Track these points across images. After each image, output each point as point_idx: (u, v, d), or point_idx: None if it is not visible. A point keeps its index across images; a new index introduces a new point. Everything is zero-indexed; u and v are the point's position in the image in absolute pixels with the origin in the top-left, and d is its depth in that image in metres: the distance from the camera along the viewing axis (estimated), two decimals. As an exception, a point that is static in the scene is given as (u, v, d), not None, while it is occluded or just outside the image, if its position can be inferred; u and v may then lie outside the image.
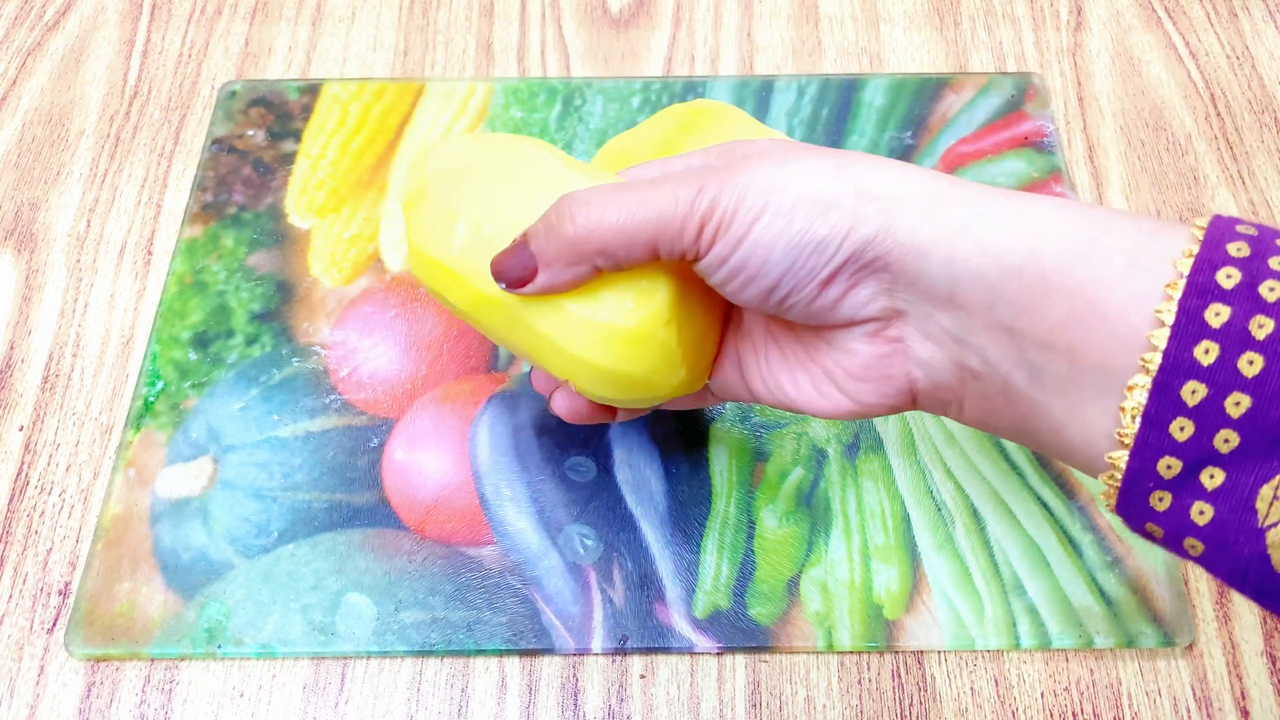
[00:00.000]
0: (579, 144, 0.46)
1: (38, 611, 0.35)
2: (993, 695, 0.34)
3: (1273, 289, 0.22)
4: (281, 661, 0.34)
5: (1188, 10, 0.51)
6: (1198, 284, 0.23)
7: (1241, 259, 0.23)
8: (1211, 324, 0.22)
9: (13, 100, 0.48)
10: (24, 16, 0.51)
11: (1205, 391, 0.22)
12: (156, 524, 0.36)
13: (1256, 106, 0.47)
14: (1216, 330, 0.22)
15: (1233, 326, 0.22)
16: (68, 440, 0.39)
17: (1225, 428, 0.22)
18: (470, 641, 0.34)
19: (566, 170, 0.31)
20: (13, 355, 0.41)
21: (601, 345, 0.29)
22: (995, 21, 0.51)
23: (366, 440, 0.38)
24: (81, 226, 0.44)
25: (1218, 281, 0.22)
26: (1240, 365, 0.22)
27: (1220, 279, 0.22)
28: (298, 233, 0.43)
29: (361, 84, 0.48)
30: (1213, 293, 0.22)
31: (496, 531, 0.36)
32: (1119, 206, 0.44)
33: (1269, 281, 0.22)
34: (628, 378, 0.30)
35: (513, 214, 0.30)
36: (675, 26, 0.51)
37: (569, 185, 0.30)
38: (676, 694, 0.34)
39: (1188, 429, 0.23)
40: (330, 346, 0.40)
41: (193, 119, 0.48)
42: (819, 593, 0.35)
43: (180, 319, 0.41)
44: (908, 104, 0.47)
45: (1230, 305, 0.22)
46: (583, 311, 0.29)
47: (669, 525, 0.36)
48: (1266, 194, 0.45)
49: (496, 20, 0.51)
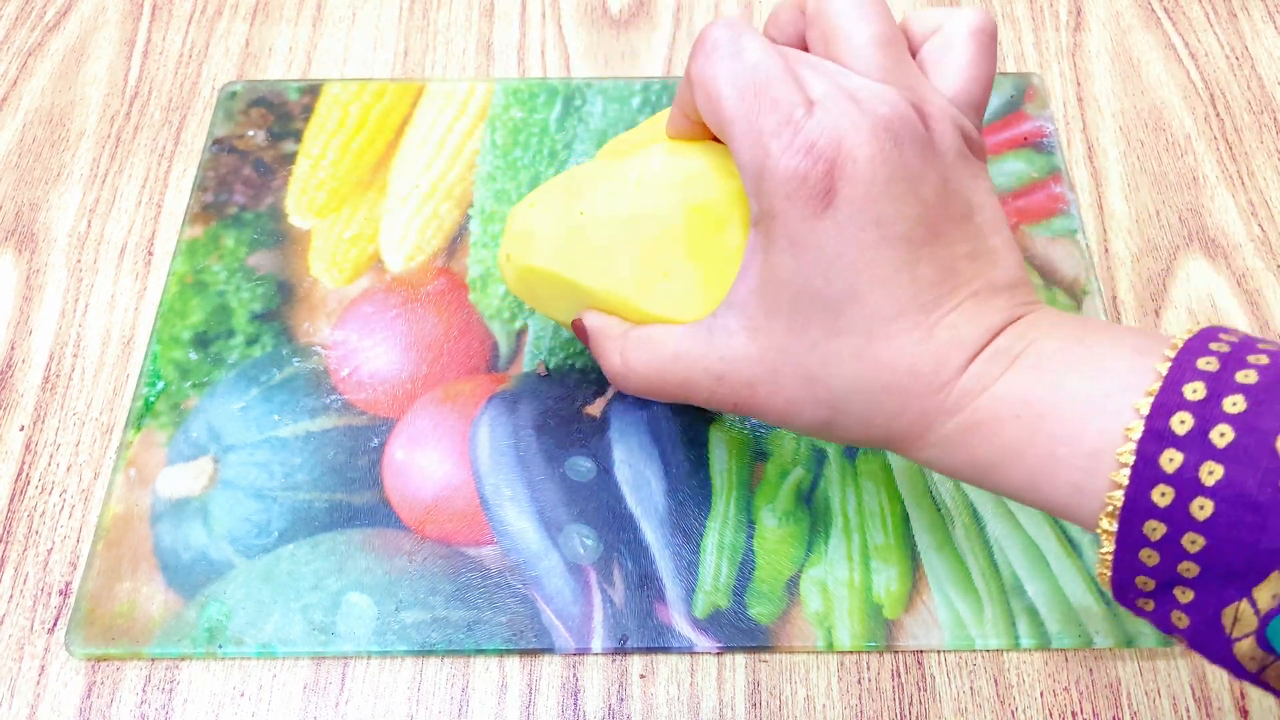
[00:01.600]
0: (579, 144, 0.46)
1: (38, 611, 0.35)
2: (992, 695, 0.34)
3: (1223, 434, 0.23)
4: (282, 661, 0.34)
5: (1187, 10, 0.51)
6: (1154, 429, 0.24)
7: (1197, 402, 0.24)
8: (1166, 469, 0.24)
9: (13, 100, 0.48)
10: (24, 17, 0.51)
11: (1164, 530, 0.24)
12: (157, 524, 0.36)
13: (1256, 106, 0.48)
14: (1171, 476, 0.24)
15: (1185, 474, 0.23)
16: (68, 440, 0.39)
17: (1185, 560, 0.24)
18: (470, 641, 0.34)
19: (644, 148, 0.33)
20: (13, 355, 0.41)
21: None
22: (995, 22, 0.51)
23: (367, 440, 0.38)
24: (82, 227, 0.44)
25: (1171, 428, 0.24)
26: (1192, 509, 0.23)
27: (1174, 425, 0.24)
28: (298, 233, 0.43)
29: (362, 84, 0.48)
30: (1167, 438, 0.24)
31: (496, 531, 0.36)
32: (1118, 206, 0.44)
33: (1220, 426, 0.23)
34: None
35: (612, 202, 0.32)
36: (675, 26, 0.51)
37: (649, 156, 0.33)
38: (676, 694, 0.34)
39: (1154, 557, 0.24)
40: (331, 346, 0.40)
41: (193, 119, 0.48)
42: (819, 592, 0.35)
43: (181, 319, 0.41)
44: (907, 104, 0.47)
45: (1183, 452, 0.23)
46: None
47: (669, 525, 0.36)
48: (1266, 194, 0.45)
49: (496, 20, 0.51)
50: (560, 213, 0.33)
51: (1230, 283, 0.42)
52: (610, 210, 0.32)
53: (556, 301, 0.35)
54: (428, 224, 0.44)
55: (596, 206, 0.32)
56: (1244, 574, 0.23)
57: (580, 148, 0.46)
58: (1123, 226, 0.44)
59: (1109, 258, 0.43)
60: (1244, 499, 0.23)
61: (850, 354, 0.27)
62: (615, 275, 0.32)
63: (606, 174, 0.33)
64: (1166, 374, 0.24)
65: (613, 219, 0.32)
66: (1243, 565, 0.23)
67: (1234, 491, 0.23)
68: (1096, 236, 0.44)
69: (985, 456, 0.27)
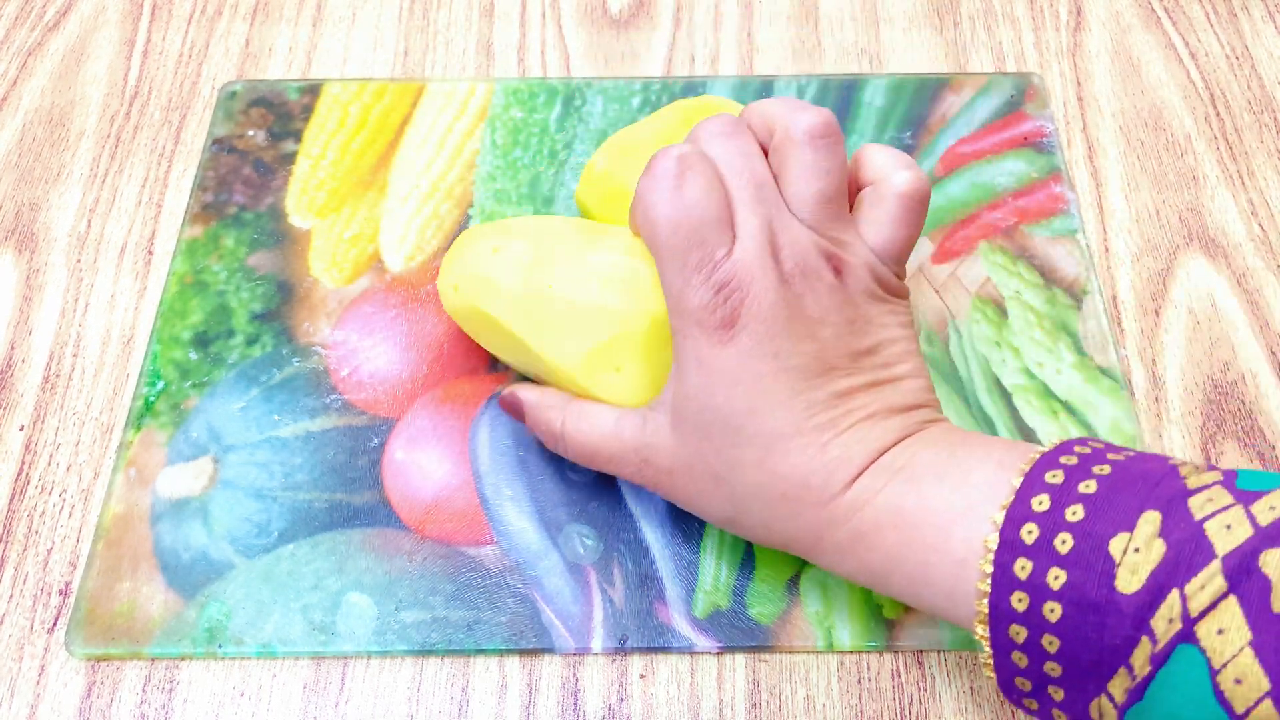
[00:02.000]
0: (579, 144, 0.46)
1: (38, 611, 0.35)
2: (992, 695, 0.34)
3: (1064, 541, 0.26)
4: (282, 661, 0.34)
5: (1187, 10, 0.51)
6: (1008, 539, 0.26)
7: (1042, 513, 0.26)
8: (1020, 576, 0.26)
9: (13, 100, 0.48)
10: (24, 17, 0.51)
11: (1026, 633, 0.26)
12: (157, 524, 0.36)
13: (1256, 106, 0.48)
14: (1024, 582, 0.26)
15: (1034, 579, 0.26)
16: (68, 440, 0.39)
17: (1048, 660, 0.26)
18: (470, 641, 0.34)
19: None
20: (13, 355, 0.41)
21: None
22: (995, 22, 0.51)
23: (367, 440, 0.38)
24: (82, 226, 0.44)
25: (1022, 537, 0.26)
26: (1045, 612, 0.26)
27: (1024, 534, 0.26)
28: (298, 233, 0.43)
29: (362, 84, 0.48)
30: (1019, 547, 0.26)
31: (496, 531, 0.36)
32: (1118, 206, 0.44)
33: (1061, 534, 0.26)
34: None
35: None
36: (675, 27, 0.51)
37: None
38: (676, 693, 0.34)
39: (1023, 659, 0.27)
40: (330, 346, 0.40)
41: (193, 119, 0.48)
42: (819, 592, 0.35)
43: (181, 319, 0.41)
44: (907, 104, 0.47)
45: (1032, 560, 0.26)
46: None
47: (669, 525, 0.36)
48: (1266, 194, 0.45)
49: (496, 20, 0.51)
50: (526, 273, 0.35)
51: (1230, 282, 0.42)
52: (578, 295, 0.34)
53: (494, 341, 0.37)
54: (428, 224, 0.44)
55: (565, 287, 0.34)
56: (1097, 670, 0.25)
57: (580, 148, 0.46)
58: (1123, 226, 0.44)
59: (1109, 257, 0.43)
60: (1085, 600, 0.25)
61: (752, 463, 0.30)
62: (567, 353, 0.34)
63: (580, 253, 0.35)
64: (1019, 487, 0.27)
65: (579, 304, 0.34)
66: (1093, 662, 0.25)
67: (1077, 594, 0.25)
68: (1096, 236, 0.44)
69: (873, 564, 0.30)
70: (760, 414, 0.30)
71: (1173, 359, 0.40)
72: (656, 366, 0.34)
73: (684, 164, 0.31)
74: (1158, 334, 0.41)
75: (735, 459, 0.30)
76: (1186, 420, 0.39)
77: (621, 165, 0.38)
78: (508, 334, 0.35)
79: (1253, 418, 0.39)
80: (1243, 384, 0.40)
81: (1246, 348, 0.40)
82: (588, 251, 0.35)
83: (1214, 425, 0.39)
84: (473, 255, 0.36)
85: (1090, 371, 0.39)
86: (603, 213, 0.38)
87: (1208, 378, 0.40)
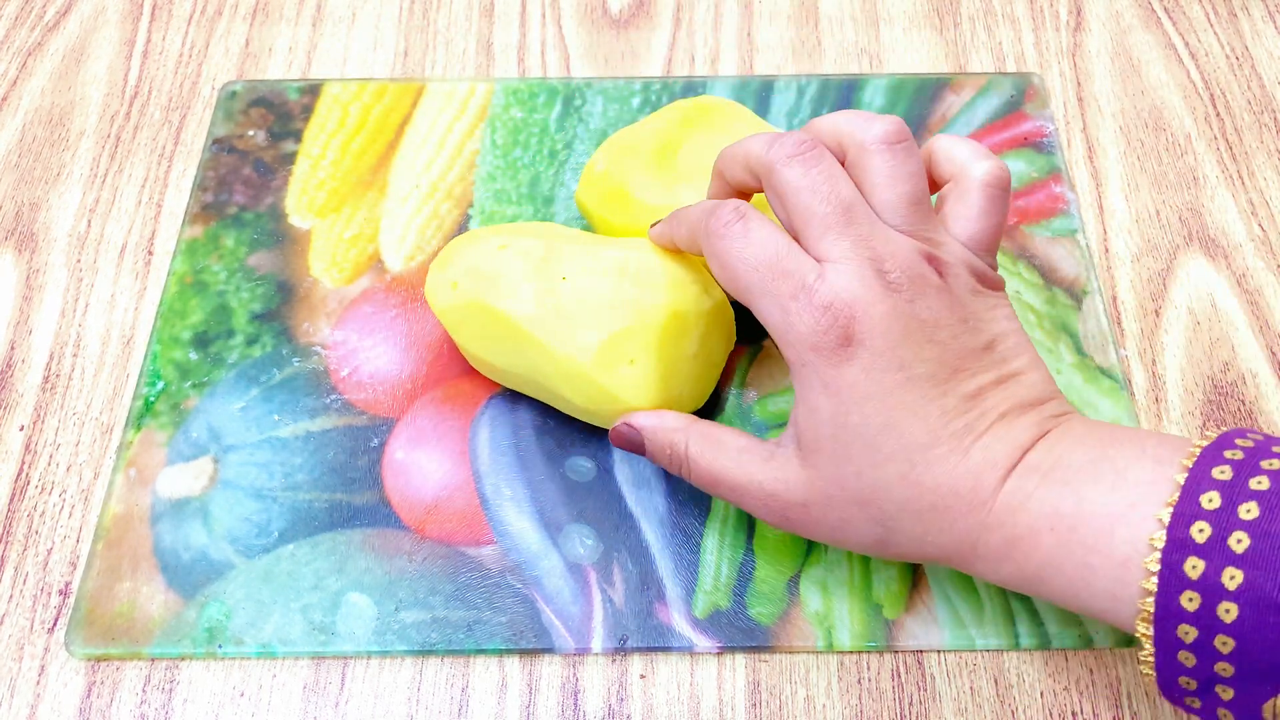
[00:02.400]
0: (579, 144, 0.46)
1: (38, 611, 0.35)
2: (992, 695, 0.34)
3: (1240, 540, 0.25)
4: (282, 661, 0.34)
5: (1187, 10, 0.51)
6: (1176, 538, 0.26)
7: (1213, 511, 0.26)
8: (1191, 576, 0.26)
9: (13, 100, 0.48)
10: (24, 17, 0.51)
11: (1196, 633, 0.26)
12: (157, 524, 0.36)
13: (1256, 106, 0.48)
14: (1195, 582, 0.26)
15: (1208, 579, 0.25)
16: (68, 440, 0.39)
17: (1220, 660, 0.26)
18: (470, 641, 0.34)
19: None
20: (13, 355, 0.41)
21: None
22: (995, 22, 0.51)
23: (367, 440, 0.38)
24: (82, 227, 0.44)
25: (1192, 536, 0.26)
26: (1219, 613, 0.25)
27: (1194, 533, 0.26)
28: (298, 233, 0.43)
29: (362, 84, 0.48)
30: (1189, 546, 0.26)
31: (496, 531, 0.36)
32: (1118, 206, 0.44)
33: (1236, 533, 0.25)
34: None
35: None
36: (675, 27, 0.51)
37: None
38: (676, 694, 0.34)
39: (1191, 659, 0.26)
40: (330, 346, 0.40)
41: (193, 119, 0.48)
42: (819, 592, 0.35)
43: (181, 319, 0.41)
44: (907, 104, 0.47)
45: (1204, 559, 0.25)
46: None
47: (669, 525, 0.36)
48: (1266, 194, 0.45)
49: (496, 20, 0.51)
50: (538, 267, 0.35)
51: (1230, 283, 0.42)
52: (595, 287, 0.34)
53: (493, 345, 0.36)
54: (428, 224, 0.44)
55: (582, 279, 0.34)
56: (1276, 671, 0.25)
57: (580, 147, 0.46)
58: (1123, 226, 0.44)
59: (1109, 257, 0.43)
60: (1265, 601, 0.24)
61: (896, 478, 0.30)
62: (581, 344, 0.34)
63: (594, 247, 0.35)
64: (1184, 484, 0.26)
65: (596, 295, 0.34)
66: (1273, 663, 0.25)
67: (1255, 595, 0.25)
68: (1096, 236, 0.44)
69: (1029, 568, 0.29)
70: (897, 427, 0.29)
71: (1173, 359, 0.40)
72: (669, 363, 0.34)
73: (739, 211, 0.31)
74: (1158, 334, 0.41)
75: (878, 478, 0.30)
76: (1186, 420, 0.39)
77: (621, 165, 0.38)
78: (514, 329, 0.35)
79: (1253, 418, 0.39)
80: (1243, 384, 0.40)
81: (1246, 348, 0.40)
82: (601, 247, 0.35)
83: (1214, 425, 0.39)
84: (476, 253, 0.36)
85: (1090, 371, 0.39)
86: (603, 213, 0.38)
87: (1208, 378, 0.40)
